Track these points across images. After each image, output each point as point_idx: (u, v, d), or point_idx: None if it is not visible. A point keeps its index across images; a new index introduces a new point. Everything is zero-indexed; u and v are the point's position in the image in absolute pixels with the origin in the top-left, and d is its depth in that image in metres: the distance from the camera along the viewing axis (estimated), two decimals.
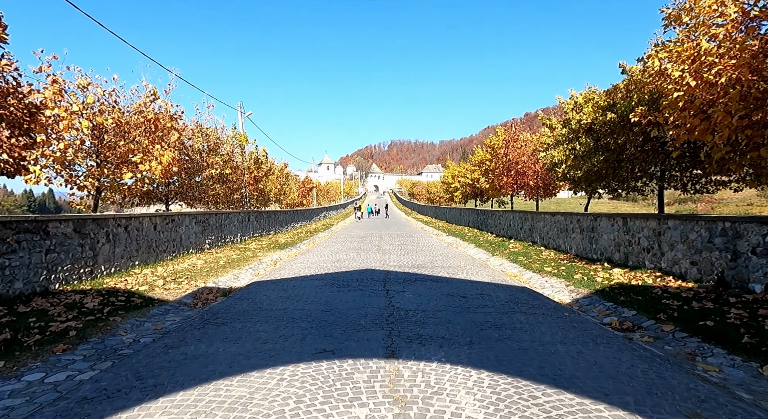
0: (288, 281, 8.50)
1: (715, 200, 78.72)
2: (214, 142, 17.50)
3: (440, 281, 8.58)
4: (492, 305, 6.50)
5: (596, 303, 6.84)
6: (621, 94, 12.02)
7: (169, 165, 12.84)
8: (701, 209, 70.62)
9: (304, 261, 11.79)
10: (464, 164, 39.93)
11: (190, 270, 9.66)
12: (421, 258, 12.28)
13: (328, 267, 10.49)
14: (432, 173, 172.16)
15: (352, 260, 11.76)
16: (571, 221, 12.59)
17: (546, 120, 18.16)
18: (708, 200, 78.26)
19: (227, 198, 22.10)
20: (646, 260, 8.94)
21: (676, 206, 74.55)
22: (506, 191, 24.37)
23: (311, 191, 44.77)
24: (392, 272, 9.72)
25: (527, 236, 16.49)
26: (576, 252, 12.23)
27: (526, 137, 23.56)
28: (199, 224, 13.21)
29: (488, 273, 9.78)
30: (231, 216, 16.16)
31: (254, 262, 11.58)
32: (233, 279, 9.08)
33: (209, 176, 16.62)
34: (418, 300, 6.72)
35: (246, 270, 10.21)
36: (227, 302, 6.71)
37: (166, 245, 11.11)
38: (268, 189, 27.06)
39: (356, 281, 8.39)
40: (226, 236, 15.56)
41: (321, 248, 15.78)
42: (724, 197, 77.43)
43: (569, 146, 13.35)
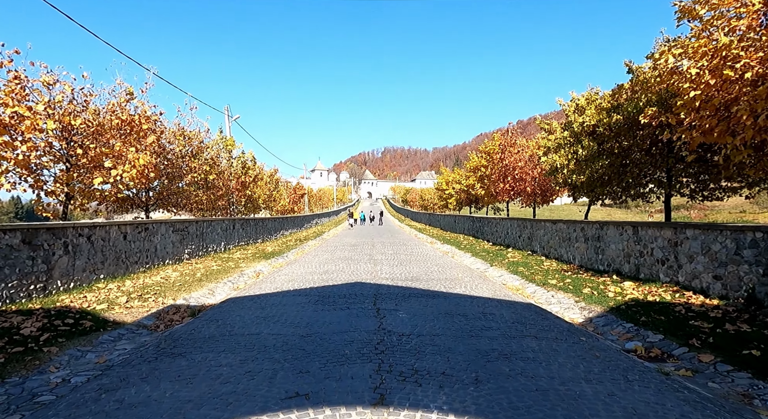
0: (268, 298, 7.64)
1: (707, 208, 78.61)
2: (198, 146, 16.63)
3: (437, 296, 7.76)
4: (497, 327, 5.70)
5: (613, 324, 6.06)
6: (626, 95, 11.36)
7: (144, 169, 11.97)
8: (695, 216, 70.53)
9: (289, 273, 10.92)
10: (459, 170, 39.30)
11: (162, 284, 8.77)
12: (415, 269, 11.46)
13: (314, 280, 9.63)
14: (425, 179, 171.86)
15: (341, 272, 10.91)
16: (575, 230, 11.86)
17: (544, 124, 17.52)
18: (700, 208, 78.19)
19: (213, 205, 21.20)
20: (661, 273, 8.20)
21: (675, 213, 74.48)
22: (503, 198, 23.69)
23: (303, 198, 43.85)
24: (384, 285, 8.89)
25: (526, 244, 15.75)
26: (580, 263, 11.49)
27: (523, 143, 22.93)
28: (178, 233, 12.31)
29: (488, 287, 8.98)
30: (214, 224, 15.27)
31: (235, 274, 10.69)
32: (207, 295, 8.20)
33: (191, 182, 15.72)
34: (412, 321, 5.90)
35: (224, 284, 9.32)
36: (194, 324, 5.84)
37: (138, 256, 10.20)
38: (256, 195, 26.15)
39: (344, 298, 7.55)
40: (208, 245, 14.66)
41: (309, 257, 14.91)
42: (716, 205, 77.39)
43: (571, 149, 12.67)
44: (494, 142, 24.94)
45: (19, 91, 9.88)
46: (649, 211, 73.00)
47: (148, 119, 12.43)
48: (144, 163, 11.72)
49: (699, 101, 7.67)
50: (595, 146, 11.80)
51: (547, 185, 21.16)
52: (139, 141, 12.24)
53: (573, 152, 12.53)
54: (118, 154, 11.32)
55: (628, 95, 11.31)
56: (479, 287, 8.84)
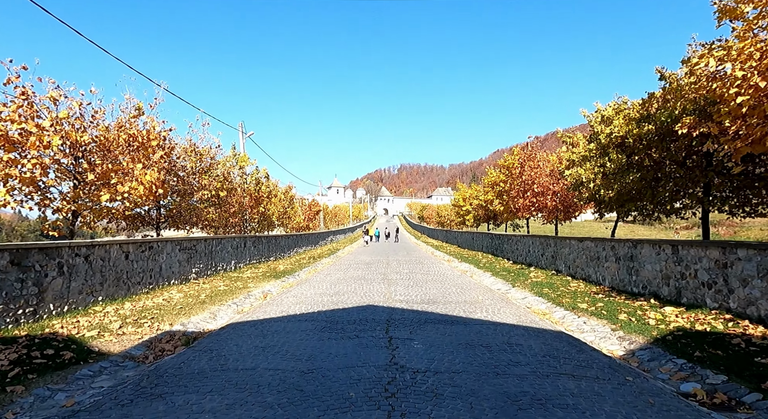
0: (271, 323, 7.03)
1: (735, 224, 75.58)
2: (209, 162, 16.36)
3: (456, 322, 7.04)
4: (526, 361, 4.96)
5: (661, 359, 5.26)
6: (658, 103, 10.62)
7: (152, 186, 11.64)
8: (724, 233, 67.77)
9: (298, 294, 10.32)
10: (476, 186, 38.51)
11: (162, 307, 8.25)
12: (432, 291, 10.74)
13: (323, 303, 9.01)
14: (442, 196, 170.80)
15: (352, 293, 10.26)
16: (604, 248, 11.01)
17: (566, 137, 16.79)
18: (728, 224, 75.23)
19: (225, 222, 20.89)
20: (707, 298, 7.33)
21: (696, 231, 71.73)
22: (523, 214, 22.82)
23: (318, 215, 43.53)
24: (398, 309, 8.20)
25: (549, 263, 14.87)
26: (611, 284, 10.61)
27: (544, 157, 22.15)
28: (185, 252, 11.88)
29: (512, 311, 8.21)
30: (224, 242, 14.84)
31: (241, 295, 10.14)
32: (208, 319, 7.63)
33: (201, 199, 15.39)
34: (429, 354, 5.21)
35: (228, 306, 8.77)
36: (185, 355, 5.26)
37: (140, 277, 9.75)
38: (270, 212, 25.83)
39: (353, 324, 6.89)
40: (217, 264, 14.20)
41: (321, 276, 14.32)
42: (746, 222, 74.26)
43: (597, 162, 11.90)
44: (513, 156, 24.22)
45: (27, 108, 9.69)
46: (675, 228, 70.60)
47: (157, 135, 12.16)
48: (151, 179, 11.39)
49: (746, 107, 6.92)
50: (624, 159, 11.03)
51: (570, 201, 20.26)
52: (147, 157, 11.95)
53: (600, 165, 11.77)
54: (126, 170, 11.02)
55: (659, 104, 10.57)
56: (502, 312, 8.08)
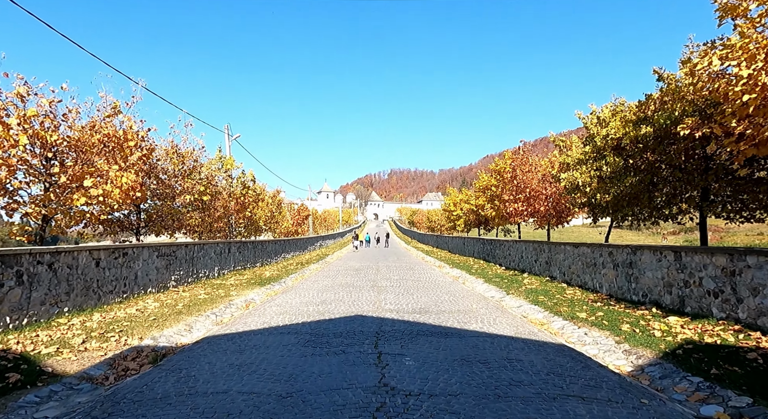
0: (250, 337, 6.49)
1: (721, 230, 76.33)
2: (192, 164, 15.75)
3: (450, 334, 6.57)
4: (528, 381, 4.51)
5: (674, 376, 4.83)
6: (654, 105, 10.33)
7: (129, 189, 11.03)
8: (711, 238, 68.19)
9: (283, 303, 9.78)
10: (466, 190, 38.27)
11: (134, 319, 7.66)
12: (423, 299, 10.27)
13: (309, 313, 8.48)
14: (432, 201, 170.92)
15: (340, 302, 9.75)
16: (601, 254, 10.65)
17: (560, 141, 16.50)
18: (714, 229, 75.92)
19: (210, 227, 20.22)
20: (714, 308, 6.96)
21: (683, 236, 72.28)
22: (515, 219, 22.50)
23: (307, 219, 42.88)
24: (388, 320, 7.71)
25: (544, 270, 14.50)
26: (609, 292, 10.24)
27: (536, 161, 21.90)
28: (163, 258, 11.26)
29: (508, 321, 7.77)
30: (206, 248, 14.22)
31: (222, 305, 9.56)
32: (183, 332, 7.06)
33: (183, 203, 14.78)
34: (422, 372, 4.73)
35: (206, 317, 8.19)
36: (150, 375, 4.70)
37: (113, 285, 9.13)
38: (257, 217, 25.19)
39: (339, 337, 6.38)
40: (199, 270, 13.57)
41: (309, 284, 13.76)
42: (731, 227, 74.88)
43: (593, 165, 11.58)
44: (505, 160, 23.94)
45: None
46: (662, 233, 71.09)
47: (135, 135, 11.56)
48: (128, 182, 10.79)
49: (752, 107, 6.60)
50: (621, 162, 10.71)
51: (563, 205, 20.00)
52: (124, 159, 11.35)
53: (596, 169, 11.44)
54: (99, 172, 10.41)
55: (657, 106, 10.28)
56: (498, 322, 7.63)
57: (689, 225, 58.51)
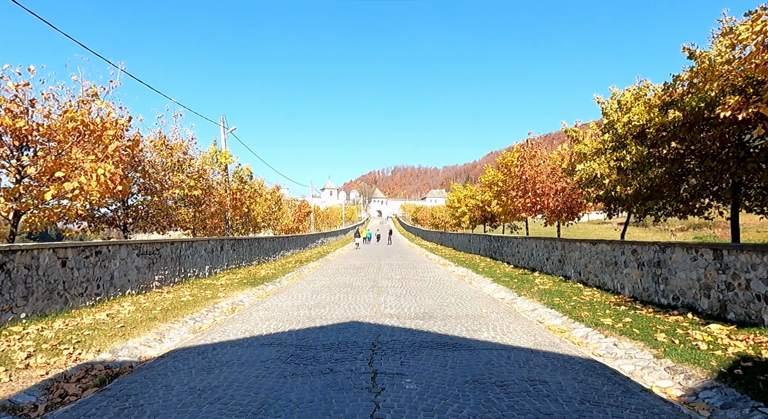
0: (226, 350, 5.58)
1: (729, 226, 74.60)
2: (183, 157, 14.86)
3: (458, 346, 5.64)
4: (559, 412, 3.57)
5: (739, 405, 3.87)
6: (682, 88, 9.32)
7: (107, 182, 10.15)
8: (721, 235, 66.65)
9: (272, 306, 8.88)
10: (471, 186, 37.26)
11: (100, 326, 6.77)
12: (427, 301, 9.34)
13: (299, 318, 7.57)
14: (436, 197, 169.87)
15: (335, 305, 8.83)
16: (623, 252, 9.67)
17: (572, 132, 15.47)
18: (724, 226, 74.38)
19: (204, 224, 19.38)
20: (765, 314, 5.99)
21: (692, 233, 70.75)
22: (523, 215, 21.52)
23: (308, 216, 41.99)
24: (387, 327, 6.78)
25: (556, 268, 13.53)
26: (632, 293, 9.27)
27: (545, 154, 20.89)
28: (145, 257, 10.37)
29: (524, 328, 6.83)
30: (196, 245, 13.34)
31: (205, 308, 8.67)
32: (152, 342, 6.16)
33: (171, 197, 13.90)
34: (426, 400, 3.80)
35: (183, 324, 7.30)
36: (88, 406, 3.80)
37: (84, 287, 8.25)
38: (255, 213, 24.33)
39: (329, 350, 5.46)
40: (187, 269, 12.70)
41: (304, 283, 12.87)
42: (744, 223, 73.10)
43: (613, 155, 10.59)
44: (512, 154, 22.93)
45: None
46: (671, 229, 69.79)
47: (114, 124, 10.66)
48: (105, 173, 9.91)
49: None
50: (645, 151, 9.71)
51: (574, 200, 18.99)
52: (103, 149, 10.45)
53: (616, 159, 10.45)
54: (72, 163, 9.53)
55: (685, 88, 9.27)
56: (513, 330, 6.70)
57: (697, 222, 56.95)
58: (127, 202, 14.05)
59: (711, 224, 71.88)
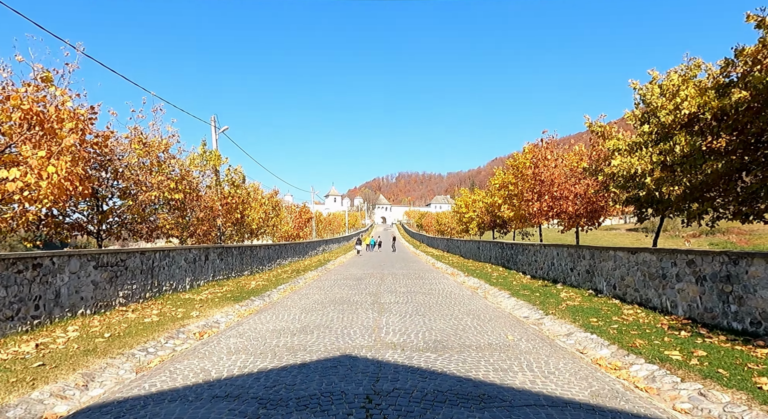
0: (160, 407, 3.99)
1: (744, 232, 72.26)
2: (164, 156, 13.37)
3: (489, 401, 4.01)
4: None
5: None
6: (747, 65, 7.71)
7: (63, 182, 8.64)
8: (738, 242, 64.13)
9: (247, 331, 7.28)
10: (479, 190, 35.64)
11: (14, 364, 5.21)
12: (439, 323, 7.71)
13: (276, 350, 5.97)
14: (441, 204, 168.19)
15: (326, 330, 7.22)
16: (675, 263, 8.01)
17: (597, 127, 13.84)
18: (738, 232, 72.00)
19: (193, 231, 17.86)
20: None
21: (707, 239, 68.33)
22: (538, 220, 19.85)
23: (309, 222, 40.45)
24: (389, 365, 5.16)
25: (583, 280, 11.86)
26: (689, 314, 7.60)
27: (561, 154, 19.27)
28: (104, 269, 8.82)
29: (567, 365, 5.20)
30: (173, 255, 11.78)
31: (168, 332, 7.08)
32: (70, 389, 4.57)
33: (149, 201, 12.38)
34: None
35: (128, 358, 5.71)
36: None
37: (14, 309, 6.67)
38: (250, 219, 22.81)
39: (304, 409, 3.85)
40: (162, 282, 11.13)
41: (296, 298, 11.27)
42: (755, 229, 70.69)
43: (656, 149, 8.97)
44: (524, 154, 21.32)
45: None
46: (683, 235, 67.63)
47: (72, 114, 9.17)
48: (59, 172, 8.40)
49: None
50: (698, 142, 8.09)
51: (595, 204, 17.33)
52: (58, 144, 8.95)
53: (660, 153, 8.83)
54: (14, 159, 8.04)
55: (750, 65, 7.66)
56: (554, 368, 5.06)
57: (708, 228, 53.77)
58: (102, 206, 12.57)
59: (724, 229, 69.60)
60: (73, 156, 9.15)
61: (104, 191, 12.30)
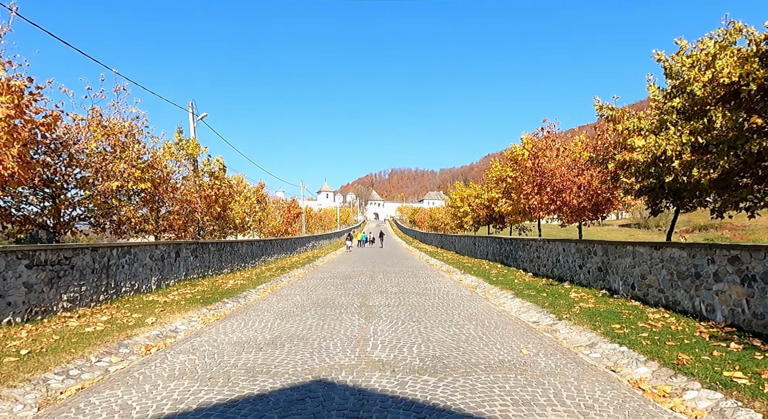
0: None
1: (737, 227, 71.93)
2: (128, 141, 11.95)
3: None
4: None
5: None
6: None
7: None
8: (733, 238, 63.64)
9: (204, 344, 5.99)
10: (474, 184, 34.47)
11: None
12: (437, 332, 6.48)
13: (231, 373, 4.69)
14: (434, 200, 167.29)
15: (300, 342, 5.95)
16: (712, 260, 6.84)
17: (608, 110, 12.62)
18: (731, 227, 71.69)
19: (168, 225, 16.46)
20: None
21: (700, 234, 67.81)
22: (538, 214, 18.70)
23: (298, 218, 39.04)
24: (374, 397, 3.91)
25: (594, 279, 10.70)
26: (731, 320, 6.43)
27: (563, 144, 18.10)
28: (41, 269, 7.46)
29: (604, 392, 3.99)
30: (135, 251, 10.42)
31: (109, 345, 5.77)
32: None
33: (109, 192, 10.99)
34: None
35: (35, 385, 4.41)
36: None
37: None
38: (233, 214, 21.43)
39: None
40: (121, 283, 9.79)
41: (274, 300, 9.99)
42: (747, 224, 70.33)
43: (687, 127, 7.77)
44: (524, 145, 20.08)
45: None
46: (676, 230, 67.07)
47: (5, 87, 7.77)
48: None
49: None
50: (741, 117, 6.90)
51: (600, 196, 16.20)
52: None
53: (691, 132, 7.63)
54: None
55: None
56: (588, 397, 3.85)
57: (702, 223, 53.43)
58: (58, 197, 11.16)
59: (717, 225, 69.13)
60: (7, 134, 7.76)
61: (59, 179, 10.92)
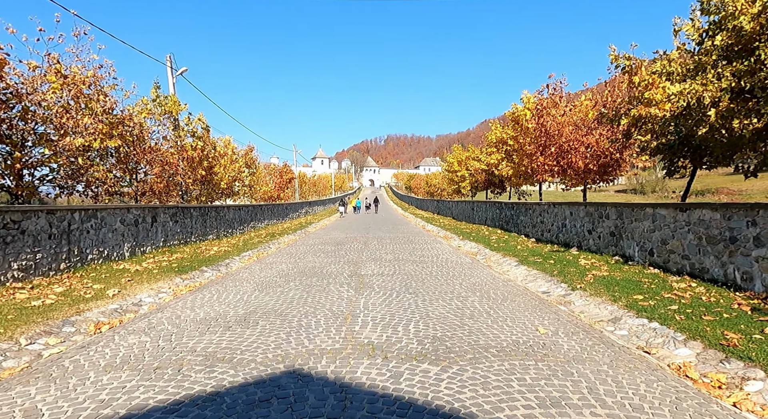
0: None
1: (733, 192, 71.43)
2: (93, 92, 10.71)
3: None
4: None
5: None
6: None
7: None
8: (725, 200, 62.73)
9: (162, 322, 5.12)
10: (473, 147, 33.30)
11: None
12: (437, 306, 5.63)
13: (185, 362, 3.83)
14: (429, 166, 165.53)
15: (277, 318, 5.09)
16: (753, 221, 5.95)
17: (624, 60, 11.41)
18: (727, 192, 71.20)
19: (150, 188, 15.41)
20: None
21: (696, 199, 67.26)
22: (541, 177, 17.73)
23: (291, 183, 37.93)
24: (360, 395, 3.04)
25: (606, 244, 9.87)
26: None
27: (570, 101, 16.92)
28: None
29: (651, 386, 3.14)
30: (102, 215, 9.43)
31: (43, 326, 4.89)
32: None
33: (73, 149, 9.87)
34: None
35: None
36: None
37: None
38: (218, 178, 20.32)
39: None
40: (87, 250, 8.85)
41: (257, 268, 9.14)
42: (743, 189, 69.87)
43: (728, 69, 6.69)
44: (526, 103, 18.82)
45: None
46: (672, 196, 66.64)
47: None
48: None
49: None
50: None
51: (609, 157, 15.22)
52: None
53: (733, 74, 6.56)
54: None
55: None
56: (636, 395, 2.99)
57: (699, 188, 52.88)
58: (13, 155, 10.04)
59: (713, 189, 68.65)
60: None
61: (16, 136, 9.78)
